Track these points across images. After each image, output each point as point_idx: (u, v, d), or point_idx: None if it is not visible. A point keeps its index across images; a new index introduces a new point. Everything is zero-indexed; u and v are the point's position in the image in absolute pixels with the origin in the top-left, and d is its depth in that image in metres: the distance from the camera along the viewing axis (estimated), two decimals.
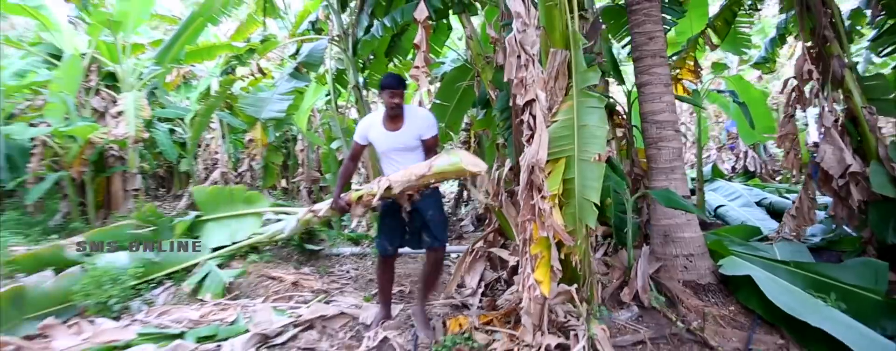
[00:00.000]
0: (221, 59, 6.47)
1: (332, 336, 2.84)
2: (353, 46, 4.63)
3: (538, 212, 2.13)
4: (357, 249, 4.56)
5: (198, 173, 7.22)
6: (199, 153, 7.34)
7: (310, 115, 6.73)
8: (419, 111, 2.59)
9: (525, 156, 2.14)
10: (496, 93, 3.24)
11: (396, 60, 4.86)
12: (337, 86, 5.21)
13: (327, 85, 5.14)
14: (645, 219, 3.54)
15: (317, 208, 3.34)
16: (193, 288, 3.47)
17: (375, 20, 4.16)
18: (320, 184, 8.11)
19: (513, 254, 3.33)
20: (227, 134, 7.55)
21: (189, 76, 7.86)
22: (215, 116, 6.74)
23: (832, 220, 3.83)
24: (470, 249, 3.57)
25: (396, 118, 2.53)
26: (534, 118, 2.11)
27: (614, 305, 3.00)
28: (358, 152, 2.78)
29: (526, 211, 2.20)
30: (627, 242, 3.07)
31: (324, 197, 7.23)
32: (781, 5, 4.19)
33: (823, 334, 2.28)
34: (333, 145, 5.35)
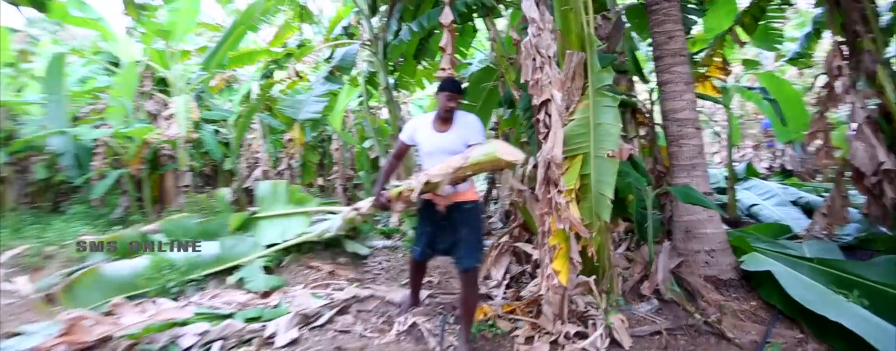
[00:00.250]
0: (261, 63, 6.88)
1: (366, 320, 3.06)
2: (383, 50, 4.85)
3: (555, 205, 2.27)
4: (389, 243, 4.78)
5: (241, 171, 7.67)
6: (242, 152, 7.78)
7: (344, 115, 7.04)
8: (468, 117, 2.56)
9: (541, 152, 2.28)
10: (519, 93, 3.38)
11: (425, 63, 5.05)
12: (369, 88, 5.46)
13: (360, 87, 5.40)
14: (668, 215, 3.59)
15: (360, 206, 3.41)
16: (236, 282, 3.67)
17: (403, 24, 4.37)
18: (354, 181, 8.44)
19: (536, 248, 3.46)
20: (268, 134, 7.97)
21: (232, 80, 8.34)
22: (256, 118, 7.16)
23: (866, 218, 3.75)
24: (495, 244, 3.73)
25: (446, 121, 2.52)
26: (549, 117, 2.25)
27: (635, 298, 3.09)
28: (402, 152, 2.78)
29: (543, 205, 2.34)
30: (648, 238, 3.15)
31: (357, 194, 7.53)
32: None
33: (843, 329, 2.31)
34: (366, 144, 5.62)
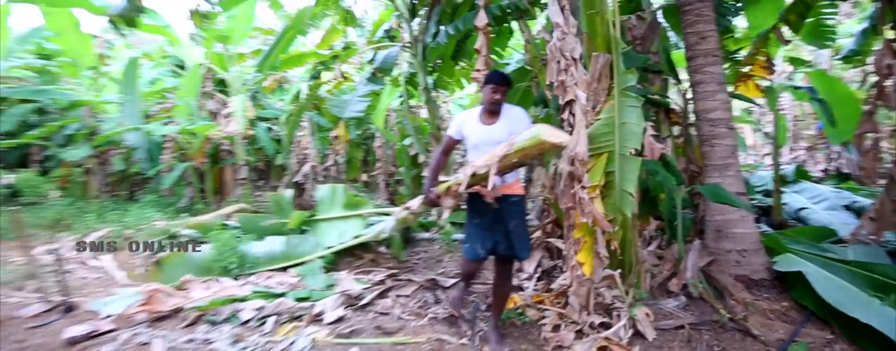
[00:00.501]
0: (310, 65, 7.31)
1: (404, 304, 3.31)
2: (423, 52, 5.08)
3: (578, 200, 2.40)
4: (426, 235, 5.02)
5: (291, 167, 8.18)
6: (292, 149, 8.30)
7: (386, 114, 7.36)
8: (515, 109, 2.54)
9: (566, 150, 2.41)
10: (552, 93, 3.51)
11: (462, 63, 5.24)
12: (409, 88, 5.72)
13: (400, 87, 5.66)
14: (701, 214, 3.60)
15: (410, 205, 3.45)
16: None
17: (441, 27, 4.58)
18: (396, 177, 8.78)
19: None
20: (316, 132, 8.44)
21: (283, 81, 8.89)
22: (305, 116, 7.62)
23: None
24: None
25: (493, 114, 2.51)
26: (573, 116, 2.38)
27: (663, 294, 3.15)
28: (450, 147, 2.75)
29: (568, 200, 2.48)
30: (678, 235, 3.20)
31: (398, 189, 7.84)
32: None
33: (875, 332, 2.31)
34: (406, 142, 5.88)
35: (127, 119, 7.11)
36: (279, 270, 3.93)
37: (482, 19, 3.80)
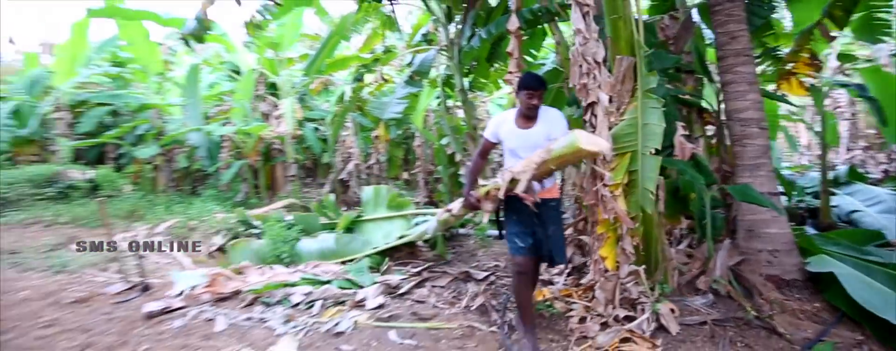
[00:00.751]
0: (353, 68, 7.71)
1: (439, 294, 3.54)
2: (458, 54, 5.29)
3: (601, 198, 2.53)
4: (462, 230, 5.23)
5: (336, 165, 8.65)
6: (338, 148, 8.77)
7: (425, 114, 7.64)
8: (551, 111, 2.50)
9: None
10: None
11: (497, 65, 5.40)
12: (446, 89, 5.95)
13: (438, 88, 5.90)
14: (733, 214, 3.60)
15: (452, 207, 3.50)
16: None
17: (476, 30, 4.75)
18: (434, 175, 9.06)
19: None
20: (359, 132, 8.87)
21: (328, 83, 9.37)
22: (349, 117, 8.04)
23: None
24: None
25: (530, 118, 2.48)
26: (595, 117, 2.51)
27: (690, 292, 3.20)
28: (487, 150, 2.72)
29: (591, 197, 2.61)
30: (707, 234, 3.23)
31: (437, 187, 8.10)
32: None
33: None
34: (443, 141, 6.12)
35: (189, 120, 7.79)
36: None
37: (513, 23, 3.95)
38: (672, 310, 2.87)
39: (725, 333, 2.66)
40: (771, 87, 5.30)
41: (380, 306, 3.27)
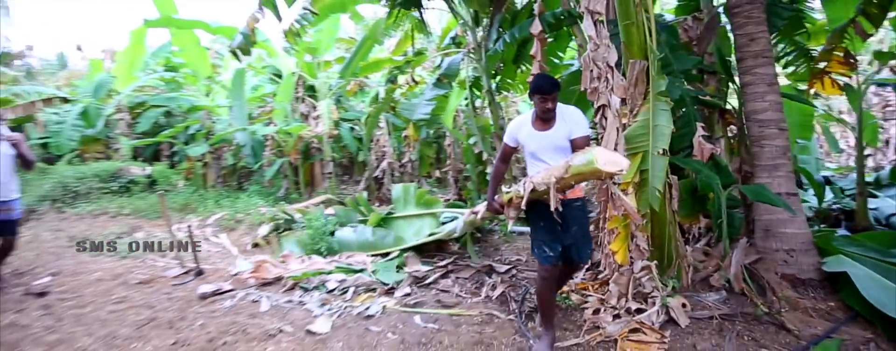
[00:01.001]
0: (386, 70, 8.04)
1: (462, 285, 3.76)
2: (486, 57, 5.48)
3: (610, 195, 2.68)
4: (487, 226, 5.43)
5: (371, 163, 9.03)
6: (372, 147, 9.15)
7: (455, 114, 7.88)
8: (569, 110, 2.45)
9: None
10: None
11: (524, 67, 5.56)
12: (474, 90, 6.16)
13: (466, 89, 6.12)
14: (752, 214, 3.63)
15: (477, 210, 3.62)
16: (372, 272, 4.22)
17: (502, 34, 4.94)
18: (464, 174, 9.30)
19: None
20: (392, 131, 9.22)
21: (363, 85, 9.78)
22: (382, 117, 8.38)
23: None
24: None
25: (548, 119, 2.43)
26: (605, 119, 2.66)
27: (705, 288, 3.29)
28: (508, 154, 2.69)
29: (602, 194, 2.76)
30: (722, 233, 3.31)
31: (466, 185, 8.33)
32: None
33: None
34: (471, 141, 6.33)
35: (235, 121, 8.36)
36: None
37: (537, 27, 4.12)
38: (684, 304, 2.98)
39: (733, 328, 2.75)
40: (802, 86, 5.22)
41: (407, 294, 3.54)
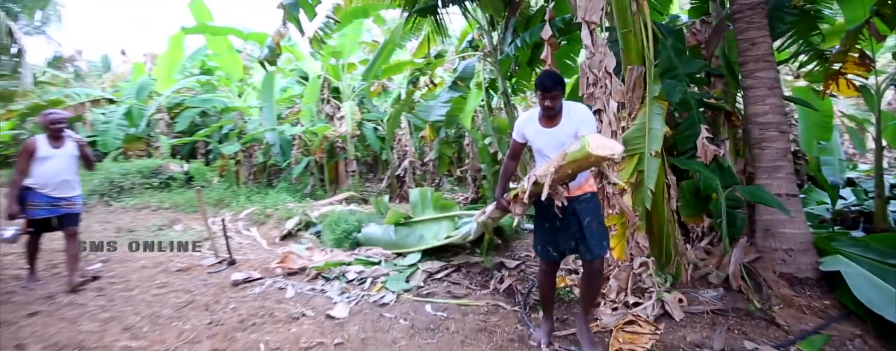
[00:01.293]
0: (408, 72, 8.32)
1: (472, 278, 4.00)
2: (500, 59, 5.67)
3: (606, 195, 2.86)
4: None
5: (393, 162, 9.35)
6: (394, 146, 9.47)
7: (473, 115, 8.09)
8: (576, 107, 2.42)
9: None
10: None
11: (537, 69, 5.72)
12: (491, 91, 6.36)
13: (482, 91, 6.33)
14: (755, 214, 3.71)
15: (487, 210, 3.46)
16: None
17: (516, 37, 5.12)
18: (482, 173, 9.51)
19: None
20: (414, 131, 9.52)
21: (386, 87, 10.11)
22: (403, 118, 8.68)
23: None
24: None
25: (554, 116, 2.41)
26: (601, 123, 2.83)
27: (703, 285, 3.42)
28: (517, 151, 2.66)
29: (601, 193, 2.93)
30: (722, 232, 3.42)
31: (483, 184, 8.54)
32: None
33: None
34: (486, 141, 6.53)
35: (265, 121, 8.83)
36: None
37: (547, 32, 4.29)
38: (680, 300, 3.13)
39: (726, 322, 2.88)
40: (819, 87, 5.18)
41: (419, 286, 3.79)
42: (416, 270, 4.04)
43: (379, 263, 4.18)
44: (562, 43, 4.86)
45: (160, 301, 3.52)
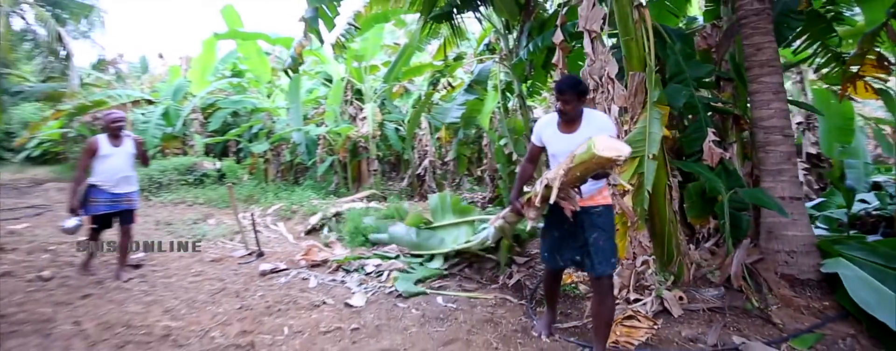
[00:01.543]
0: (428, 74, 8.56)
1: (483, 273, 4.20)
2: (515, 62, 5.83)
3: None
4: None
5: (414, 161, 9.62)
6: (415, 146, 9.74)
7: (491, 116, 8.26)
8: (597, 115, 2.39)
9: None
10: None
11: (552, 72, 5.85)
12: (507, 94, 6.52)
13: (498, 93, 6.51)
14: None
15: (503, 214, 3.58)
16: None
17: (531, 40, 5.26)
18: (498, 173, 9.67)
19: None
20: (434, 132, 9.76)
21: (406, 89, 10.38)
22: (424, 118, 8.93)
23: None
24: None
25: (571, 122, 2.38)
26: None
27: (705, 285, 3.52)
28: (534, 154, 2.64)
29: None
30: (725, 233, 3.50)
31: (498, 184, 8.70)
32: None
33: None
34: (501, 142, 6.69)
35: (292, 121, 9.23)
36: None
37: (558, 37, 4.42)
38: (681, 298, 3.25)
39: (722, 319, 2.99)
40: (835, 88, 5.14)
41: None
42: (435, 274, 4.11)
43: (396, 258, 4.43)
44: (574, 47, 4.98)
45: (196, 287, 3.86)
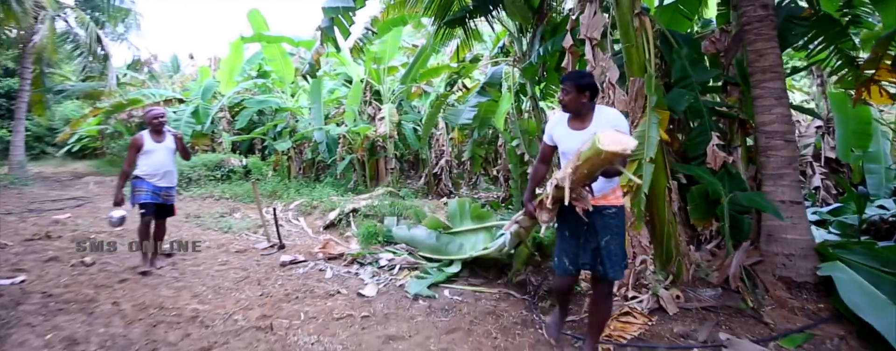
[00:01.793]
0: (445, 75, 8.77)
1: (490, 270, 4.38)
2: (528, 65, 5.96)
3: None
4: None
5: (431, 160, 9.85)
6: (432, 145, 9.96)
7: (506, 117, 8.40)
8: (608, 112, 2.35)
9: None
10: None
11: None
12: (520, 96, 6.67)
13: (512, 94, 6.66)
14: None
15: (517, 218, 3.53)
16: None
17: (543, 43, 5.40)
18: (511, 173, 9.81)
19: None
20: (450, 131, 9.96)
21: (424, 89, 10.61)
22: (440, 118, 9.14)
23: None
24: None
25: (582, 118, 2.34)
26: None
27: (703, 285, 3.61)
28: (547, 154, 2.59)
29: None
30: (725, 235, 3.59)
31: (511, 184, 8.84)
32: None
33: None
34: (514, 143, 6.83)
35: (314, 121, 9.57)
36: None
37: (568, 41, 4.55)
38: (677, 296, 3.36)
39: (715, 318, 3.10)
40: (852, 92, 5.11)
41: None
42: (454, 277, 4.14)
43: (411, 255, 4.64)
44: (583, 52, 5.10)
45: (221, 275, 4.16)
